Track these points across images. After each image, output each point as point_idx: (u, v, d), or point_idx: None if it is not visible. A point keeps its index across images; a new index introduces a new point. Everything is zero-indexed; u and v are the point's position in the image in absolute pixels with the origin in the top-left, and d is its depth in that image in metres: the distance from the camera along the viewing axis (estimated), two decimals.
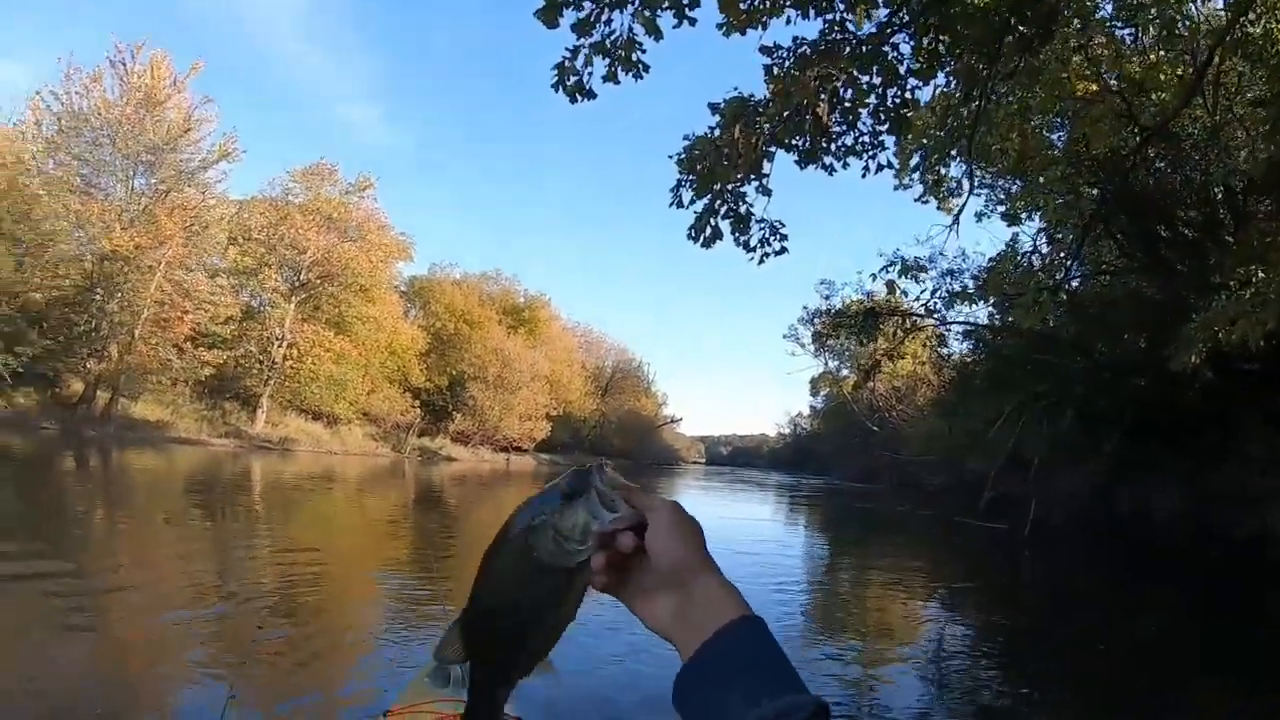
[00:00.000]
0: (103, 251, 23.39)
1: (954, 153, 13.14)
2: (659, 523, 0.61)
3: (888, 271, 18.49)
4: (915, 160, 15.80)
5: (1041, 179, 13.42)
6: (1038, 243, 16.62)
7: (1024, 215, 16.41)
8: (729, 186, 6.57)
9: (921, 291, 19.55)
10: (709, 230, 6.72)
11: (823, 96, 5.98)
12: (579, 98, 5.51)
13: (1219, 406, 11.78)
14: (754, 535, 16.76)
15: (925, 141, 12.23)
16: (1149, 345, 13.96)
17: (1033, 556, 11.49)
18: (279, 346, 31.29)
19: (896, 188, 17.02)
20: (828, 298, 24.19)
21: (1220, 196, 12.83)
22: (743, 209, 6.72)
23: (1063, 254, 14.66)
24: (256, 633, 4.96)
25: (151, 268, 23.97)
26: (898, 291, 17.77)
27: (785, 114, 6.13)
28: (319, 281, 33.26)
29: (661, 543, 0.60)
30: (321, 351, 32.18)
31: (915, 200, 17.12)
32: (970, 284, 18.17)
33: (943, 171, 15.33)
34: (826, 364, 51.89)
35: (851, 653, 6.26)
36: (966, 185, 12.11)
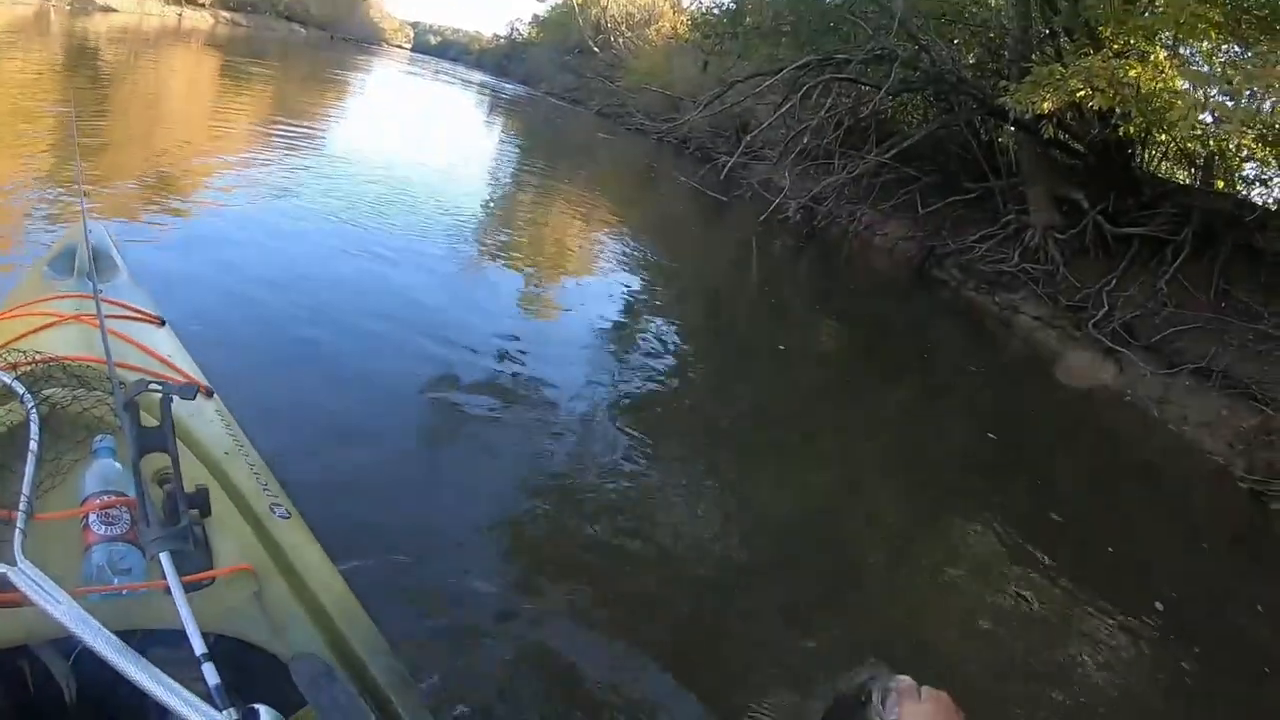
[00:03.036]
0: None
1: None
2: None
3: None
4: None
5: None
6: None
7: None
8: None
9: None
10: None
11: None
12: None
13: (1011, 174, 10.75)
14: (453, 129, 15.02)
15: None
16: (976, 70, 12.18)
17: (760, 249, 10.32)
18: None
19: None
20: None
21: None
22: None
23: None
24: None
25: None
26: None
27: None
28: None
29: None
30: None
31: None
32: None
33: None
34: None
35: (528, 271, 5.87)
36: None
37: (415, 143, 11.42)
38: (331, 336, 3.53)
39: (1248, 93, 6.53)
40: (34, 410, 1.08)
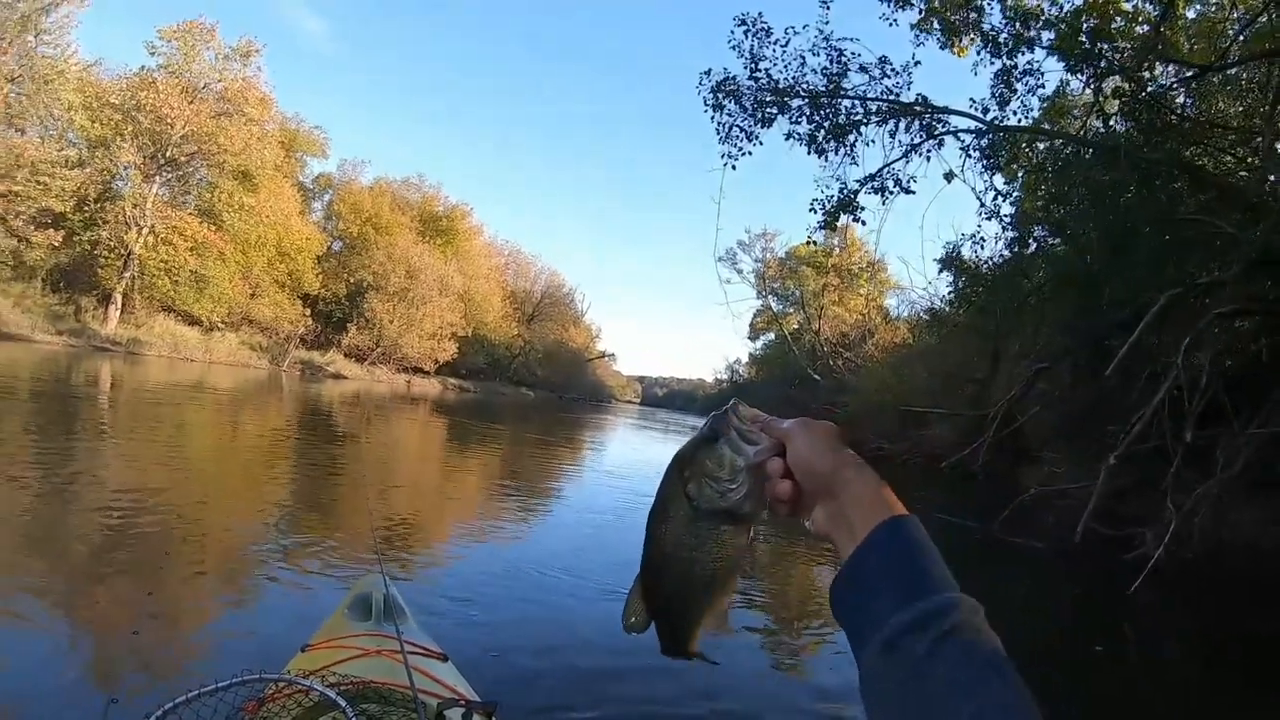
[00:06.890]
0: None
1: None
2: (794, 443, 0.63)
3: None
4: None
5: None
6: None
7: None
8: None
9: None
10: None
11: None
12: None
13: None
14: None
15: None
16: None
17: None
18: (138, 234, 26.45)
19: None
20: (757, 75, 13.14)
21: None
22: None
23: None
24: (144, 577, 4.03)
25: None
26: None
27: None
28: (188, 161, 28.21)
29: (802, 459, 0.63)
30: (178, 240, 27.40)
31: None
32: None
33: None
34: (765, 298, 48.29)
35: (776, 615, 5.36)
36: None
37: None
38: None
39: None
40: (355, 719, 1.37)
